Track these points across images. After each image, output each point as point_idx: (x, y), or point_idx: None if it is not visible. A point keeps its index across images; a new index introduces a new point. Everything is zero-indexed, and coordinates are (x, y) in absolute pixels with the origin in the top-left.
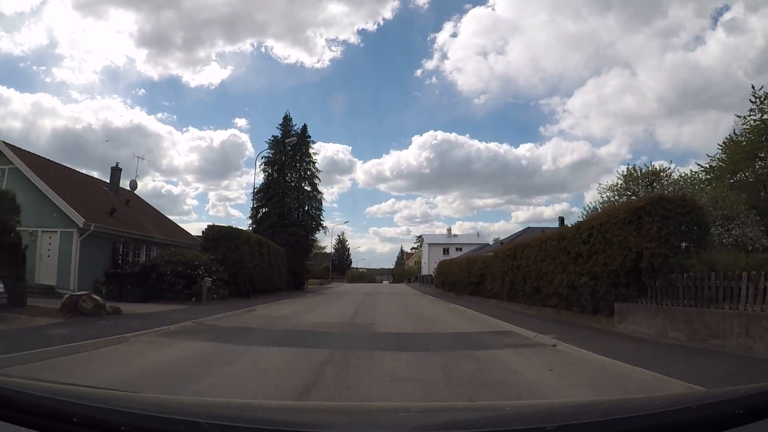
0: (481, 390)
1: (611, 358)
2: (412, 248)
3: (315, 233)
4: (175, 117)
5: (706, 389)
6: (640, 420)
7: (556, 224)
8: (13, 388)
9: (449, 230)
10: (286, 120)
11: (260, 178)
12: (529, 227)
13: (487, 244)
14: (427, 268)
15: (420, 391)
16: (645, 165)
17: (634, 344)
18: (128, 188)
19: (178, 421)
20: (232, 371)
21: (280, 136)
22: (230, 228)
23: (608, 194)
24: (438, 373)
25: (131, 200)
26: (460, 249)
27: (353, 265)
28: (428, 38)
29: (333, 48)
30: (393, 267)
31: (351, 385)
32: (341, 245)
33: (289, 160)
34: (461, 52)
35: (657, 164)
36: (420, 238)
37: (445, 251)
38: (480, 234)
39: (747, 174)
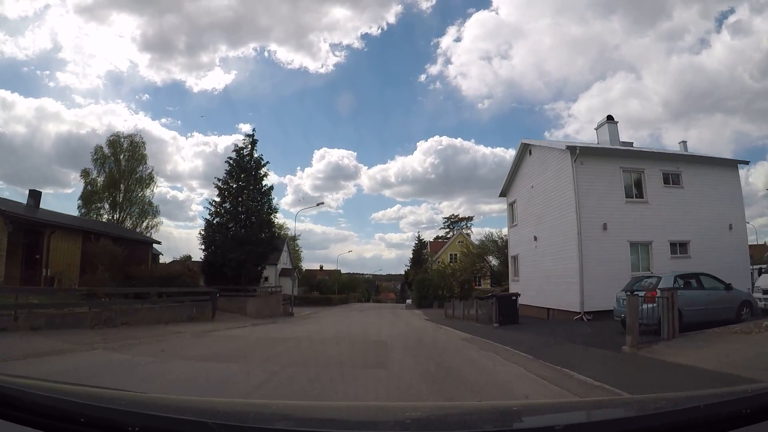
0: None
1: None
2: (437, 237)
3: None
4: (179, 122)
5: (711, 390)
6: (648, 419)
7: None
8: (19, 388)
9: (608, 121)
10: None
11: None
12: None
13: None
14: (577, 244)
15: None
16: None
17: None
18: None
19: (185, 422)
20: None
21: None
22: None
23: None
24: None
25: None
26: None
27: (335, 264)
28: (432, 43)
29: (337, 53)
30: (408, 267)
31: None
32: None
33: None
34: (465, 57)
35: None
36: (522, 152)
37: (636, 180)
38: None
39: None
